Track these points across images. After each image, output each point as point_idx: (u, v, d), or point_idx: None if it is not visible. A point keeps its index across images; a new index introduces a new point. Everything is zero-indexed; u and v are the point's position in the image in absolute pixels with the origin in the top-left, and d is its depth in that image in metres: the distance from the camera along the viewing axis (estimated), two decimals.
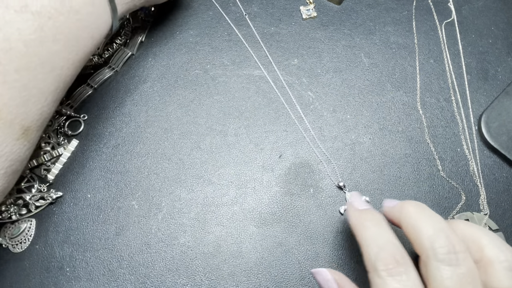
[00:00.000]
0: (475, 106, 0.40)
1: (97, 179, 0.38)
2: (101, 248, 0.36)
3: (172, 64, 0.42)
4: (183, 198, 0.37)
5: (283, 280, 0.34)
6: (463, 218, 0.36)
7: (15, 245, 0.36)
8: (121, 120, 0.40)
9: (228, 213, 0.37)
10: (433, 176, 0.37)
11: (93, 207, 0.37)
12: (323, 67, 0.42)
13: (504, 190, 0.37)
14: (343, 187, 0.37)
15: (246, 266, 0.35)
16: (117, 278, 0.35)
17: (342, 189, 0.37)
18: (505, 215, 0.36)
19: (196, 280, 0.35)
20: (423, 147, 0.38)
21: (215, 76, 0.41)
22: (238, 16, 0.44)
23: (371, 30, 0.43)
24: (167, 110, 0.40)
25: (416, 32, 0.43)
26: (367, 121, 0.39)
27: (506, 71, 0.41)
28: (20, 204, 0.37)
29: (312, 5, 0.44)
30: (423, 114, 0.40)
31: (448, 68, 0.41)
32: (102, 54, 0.42)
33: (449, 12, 0.44)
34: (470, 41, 0.42)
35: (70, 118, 0.40)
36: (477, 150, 0.38)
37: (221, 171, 0.38)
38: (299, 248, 0.35)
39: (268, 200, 0.37)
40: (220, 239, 0.36)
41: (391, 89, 0.41)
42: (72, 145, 0.39)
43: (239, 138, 0.39)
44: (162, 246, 0.36)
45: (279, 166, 0.38)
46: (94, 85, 0.41)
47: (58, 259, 0.35)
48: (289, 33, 0.43)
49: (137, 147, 0.39)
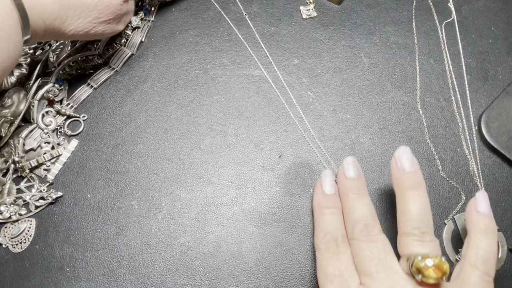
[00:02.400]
0: (475, 106, 0.40)
1: (97, 179, 0.38)
2: (101, 248, 0.36)
3: (172, 64, 0.42)
4: (183, 198, 0.37)
5: (283, 280, 0.34)
6: (463, 218, 0.36)
7: (15, 245, 0.36)
8: (121, 120, 0.40)
9: (228, 213, 0.37)
10: (433, 176, 0.37)
11: (93, 207, 0.37)
12: (323, 67, 0.42)
13: (504, 190, 0.37)
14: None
15: (246, 266, 0.35)
16: (117, 278, 0.35)
17: None
18: (505, 215, 0.36)
19: (196, 280, 0.35)
20: (423, 147, 0.38)
21: (215, 76, 0.41)
22: (238, 16, 0.44)
23: (371, 30, 0.43)
24: (167, 110, 0.40)
25: (416, 32, 0.43)
26: (367, 121, 0.39)
27: (506, 71, 0.41)
28: (20, 204, 0.37)
29: (312, 5, 0.44)
30: (423, 114, 0.40)
31: (448, 68, 0.41)
32: (102, 54, 0.41)
33: (449, 12, 0.44)
34: (470, 41, 0.42)
35: (70, 118, 0.40)
36: (477, 150, 0.38)
37: (221, 171, 0.38)
38: (299, 248, 0.35)
39: (268, 200, 0.37)
40: (220, 239, 0.36)
41: (391, 89, 0.41)
42: (72, 145, 0.39)
43: (239, 138, 0.39)
44: (162, 246, 0.36)
45: (279, 166, 0.38)
46: (94, 85, 0.41)
47: (58, 259, 0.35)
48: (289, 33, 0.43)
49: (137, 147, 0.39)
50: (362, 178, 0.32)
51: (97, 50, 0.41)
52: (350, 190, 0.31)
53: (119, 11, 0.35)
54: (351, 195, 0.31)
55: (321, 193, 0.32)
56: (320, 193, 0.32)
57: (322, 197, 0.32)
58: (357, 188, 0.31)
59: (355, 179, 0.31)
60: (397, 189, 0.31)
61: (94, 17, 0.33)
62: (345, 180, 0.32)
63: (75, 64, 0.41)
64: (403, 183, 0.30)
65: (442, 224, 0.36)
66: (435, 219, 0.36)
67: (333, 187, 0.32)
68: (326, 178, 0.33)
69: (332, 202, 0.32)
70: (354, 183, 0.31)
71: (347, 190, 0.31)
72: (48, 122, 0.39)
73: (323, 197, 0.32)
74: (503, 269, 0.34)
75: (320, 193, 0.32)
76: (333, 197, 0.32)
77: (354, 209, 0.30)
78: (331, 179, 0.33)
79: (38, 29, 0.31)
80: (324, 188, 0.32)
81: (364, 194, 0.31)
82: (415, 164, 0.31)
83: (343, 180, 0.32)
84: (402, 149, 0.31)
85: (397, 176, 0.31)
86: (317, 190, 0.33)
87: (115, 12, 0.35)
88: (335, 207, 0.32)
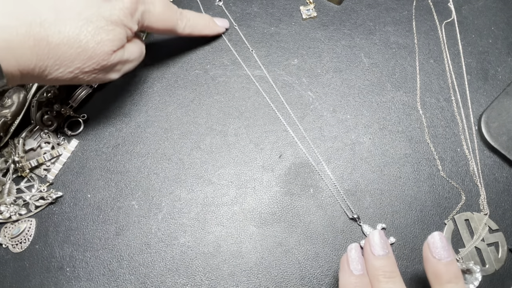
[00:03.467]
0: (475, 106, 0.40)
1: (97, 179, 0.38)
2: (101, 248, 0.36)
3: (172, 64, 0.42)
4: (183, 198, 0.37)
5: (283, 280, 0.34)
6: (463, 218, 0.36)
7: (15, 245, 0.36)
8: (121, 120, 0.40)
9: (228, 213, 0.37)
10: (433, 176, 0.37)
11: (93, 207, 0.37)
12: (323, 67, 0.42)
13: (504, 190, 0.37)
14: (358, 219, 0.36)
15: (246, 266, 0.35)
16: (117, 278, 0.35)
17: (357, 221, 0.36)
18: (505, 215, 0.36)
19: (196, 280, 0.35)
20: (423, 147, 0.38)
21: (215, 76, 0.41)
22: (238, 16, 0.44)
23: (371, 30, 0.43)
24: (167, 110, 0.40)
25: (416, 32, 0.43)
26: (367, 121, 0.39)
27: (506, 71, 0.41)
28: (20, 204, 0.37)
29: (312, 5, 0.44)
30: (423, 114, 0.40)
31: (448, 68, 0.41)
32: None
33: (449, 12, 0.44)
34: (470, 41, 0.42)
35: (70, 118, 0.40)
36: (477, 150, 0.38)
37: (221, 171, 0.38)
38: (299, 248, 0.35)
39: (268, 200, 0.37)
40: (220, 239, 0.36)
41: (391, 89, 0.41)
42: (72, 145, 0.39)
43: (239, 138, 0.39)
44: (162, 246, 0.36)
45: (279, 166, 0.38)
46: (94, 85, 0.41)
47: (58, 259, 0.35)
48: (289, 33, 0.43)
49: (137, 147, 0.39)
50: (391, 255, 0.29)
51: None
52: (380, 273, 0.28)
53: (107, 62, 0.31)
54: (383, 279, 0.28)
55: (348, 273, 0.29)
56: (347, 273, 0.29)
57: (349, 278, 0.29)
58: (389, 271, 0.29)
59: (385, 257, 0.29)
60: (435, 282, 0.28)
61: (75, 67, 0.30)
62: (374, 260, 0.29)
63: None
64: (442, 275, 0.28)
65: (442, 224, 0.36)
66: (435, 219, 0.36)
67: (361, 265, 0.29)
68: (353, 255, 0.30)
69: (361, 285, 0.29)
70: (384, 262, 0.29)
71: (376, 271, 0.29)
72: (48, 122, 0.39)
73: (351, 278, 0.29)
74: (503, 269, 0.34)
75: (348, 273, 0.29)
76: (362, 278, 0.29)
77: None
78: (358, 255, 0.30)
79: (15, 75, 0.29)
80: (352, 268, 0.29)
81: (396, 277, 0.29)
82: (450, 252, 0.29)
83: (371, 259, 0.29)
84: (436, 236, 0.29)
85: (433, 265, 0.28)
86: (343, 269, 0.30)
87: (101, 63, 0.31)
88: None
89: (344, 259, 0.30)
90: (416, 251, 0.35)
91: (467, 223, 0.36)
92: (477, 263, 0.34)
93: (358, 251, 0.30)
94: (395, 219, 0.36)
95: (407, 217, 0.36)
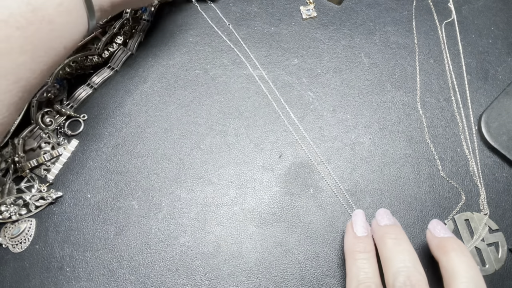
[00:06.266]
0: (475, 106, 0.40)
1: (97, 179, 0.38)
2: (101, 248, 0.36)
3: (172, 64, 0.42)
4: (183, 198, 0.37)
5: (283, 280, 0.34)
6: (463, 218, 0.36)
7: (15, 245, 0.36)
8: (121, 120, 0.40)
9: (228, 213, 0.37)
10: (433, 176, 0.37)
11: (93, 207, 0.37)
12: (323, 67, 0.42)
13: (504, 190, 0.37)
14: None
15: (246, 266, 0.35)
16: (117, 278, 0.35)
17: None
18: (505, 215, 0.36)
19: (196, 280, 0.35)
20: (423, 147, 0.38)
21: (215, 76, 0.41)
22: (238, 16, 0.44)
23: (371, 30, 0.43)
24: (167, 110, 0.40)
25: (416, 32, 0.43)
26: (367, 121, 0.39)
27: (506, 71, 0.41)
28: (20, 204, 0.37)
29: (312, 5, 0.44)
30: (423, 114, 0.40)
31: (448, 68, 0.41)
32: (102, 54, 0.42)
33: (449, 12, 0.44)
34: (470, 41, 0.42)
35: (70, 118, 0.40)
36: (477, 150, 0.38)
37: (221, 171, 0.38)
38: (299, 248, 0.35)
39: (268, 200, 0.37)
40: (220, 239, 0.36)
41: (391, 89, 0.41)
42: (72, 145, 0.39)
43: (239, 138, 0.39)
44: (162, 246, 0.36)
45: (279, 166, 0.38)
46: (94, 85, 0.41)
47: (58, 259, 0.35)
48: (289, 33, 0.43)
49: (137, 147, 0.39)
50: (398, 226, 0.30)
51: (97, 50, 0.41)
52: (387, 234, 0.29)
53: None
54: (389, 240, 0.29)
55: (352, 235, 0.30)
56: (351, 235, 0.30)
57: (353, 240, 0.30)
58: (394, 233, 0.29)
59: (391, 225, 0.29)
60: (441, 253, 0.29)
61: None
62: (381, 228, 0.30)
63: (75, 64, 0.40)
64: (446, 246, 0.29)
65: None
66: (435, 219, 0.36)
67: (365, 228, 0.30)
68: (357, 219, 0.31)
69: (365, 245, 0.29)
70: (391, 228, 0.29)
71: (383, 234, 0.29)
72: (48, 122, 0.39)
73: (355, 240, 0.30)
74: (503, 269, 0.34)
75: (351, 235, 0.30)
76: (365, 239, 0.30)
77: (393, 256, 0.28)
78: (362, 219, 0.31)
79: (107, 10, 0.31)
80: (356, 230, 0.30)
81: (403, 239, 0.29)
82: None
83: (378, 228, 0.30)
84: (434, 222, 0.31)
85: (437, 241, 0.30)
86: (348, 232, 0.31)
87: None
88: (368, 251, 0.29)
89: (349, 224, 0.32)
90: (417, 251, 0.35)
91: (467, 223, 0.36)
92: (477, 263, 0.34)
93: (362, 216, 0.31)
94: None
95: (407, 217, 0.36)
